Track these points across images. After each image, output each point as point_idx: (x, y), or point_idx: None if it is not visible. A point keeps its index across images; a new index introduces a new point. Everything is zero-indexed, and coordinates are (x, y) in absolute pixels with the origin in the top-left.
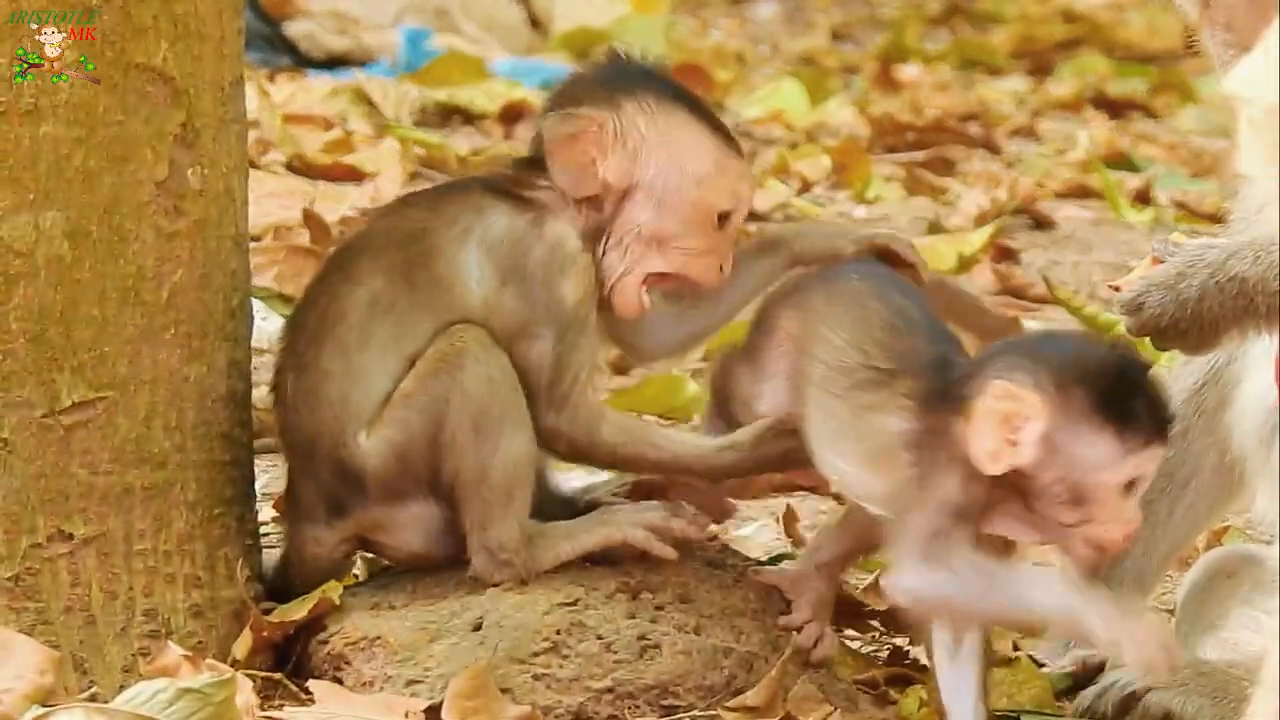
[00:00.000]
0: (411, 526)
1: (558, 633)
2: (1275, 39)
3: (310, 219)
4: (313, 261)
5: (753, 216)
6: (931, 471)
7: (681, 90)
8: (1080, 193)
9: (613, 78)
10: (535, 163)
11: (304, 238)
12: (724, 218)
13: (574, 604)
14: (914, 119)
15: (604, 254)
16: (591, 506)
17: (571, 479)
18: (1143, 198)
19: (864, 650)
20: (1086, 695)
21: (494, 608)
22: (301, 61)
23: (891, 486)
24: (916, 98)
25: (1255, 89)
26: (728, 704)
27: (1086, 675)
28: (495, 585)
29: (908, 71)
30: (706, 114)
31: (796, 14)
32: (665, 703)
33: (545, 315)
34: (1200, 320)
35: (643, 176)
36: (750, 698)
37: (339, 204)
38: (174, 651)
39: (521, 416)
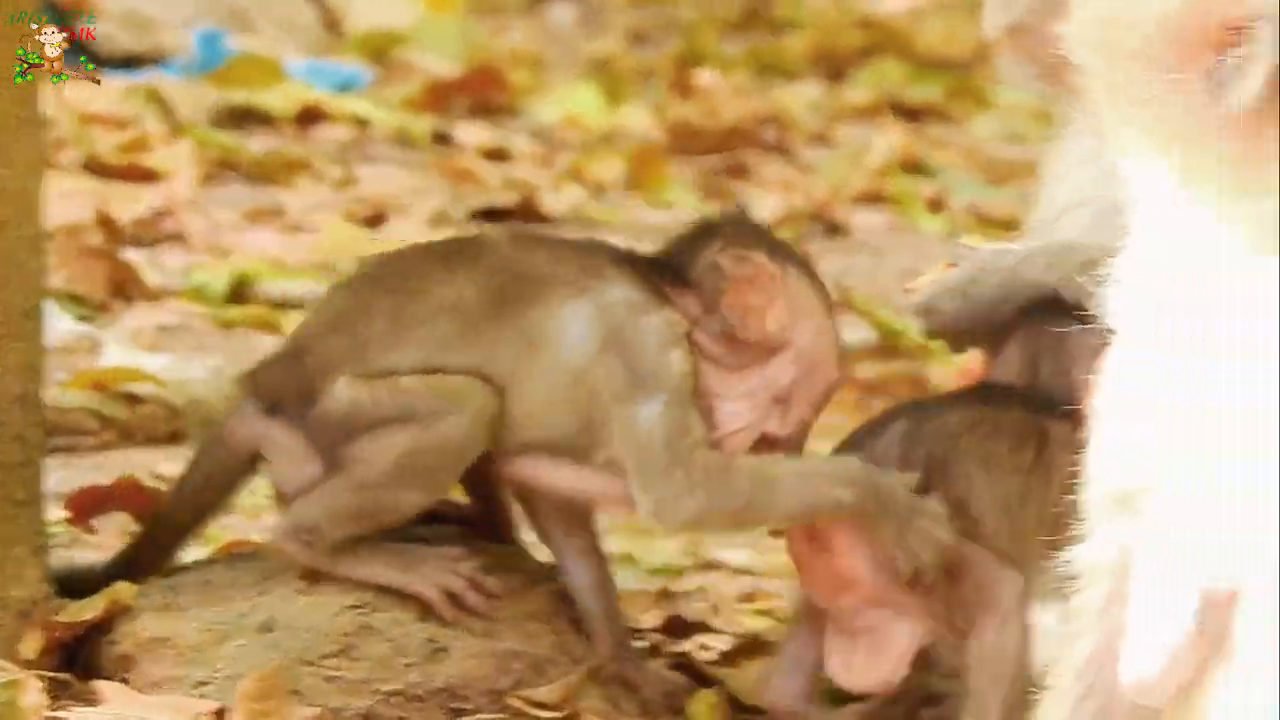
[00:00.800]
0: (300, 478)
1: (347, 635)
2: None
3: (103, 220)
4: (105, 262)
5: (545, 220)
6: None
7: (814, 271)
8: (876, 199)
9: (770, 237)
10: (674, 269)
11: (97, 239)
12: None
13: (363, 607)
14: (710, 124)
15: (730, 401)
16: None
17: None
18: (937, 204)
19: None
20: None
21: (284, 609)
22: (96, 61)
23: None
24: (713, 102)
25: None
26: (517, 693)
27: None
28: (280, 551)
29: (704, 76)
30: (827, 294)
31: (593, 17)
32: (454, 705)
33: (654, 381)
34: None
35: (797, 339)
36: (542, 693)
37: (134, 205)
38: None
39: (439, 489)
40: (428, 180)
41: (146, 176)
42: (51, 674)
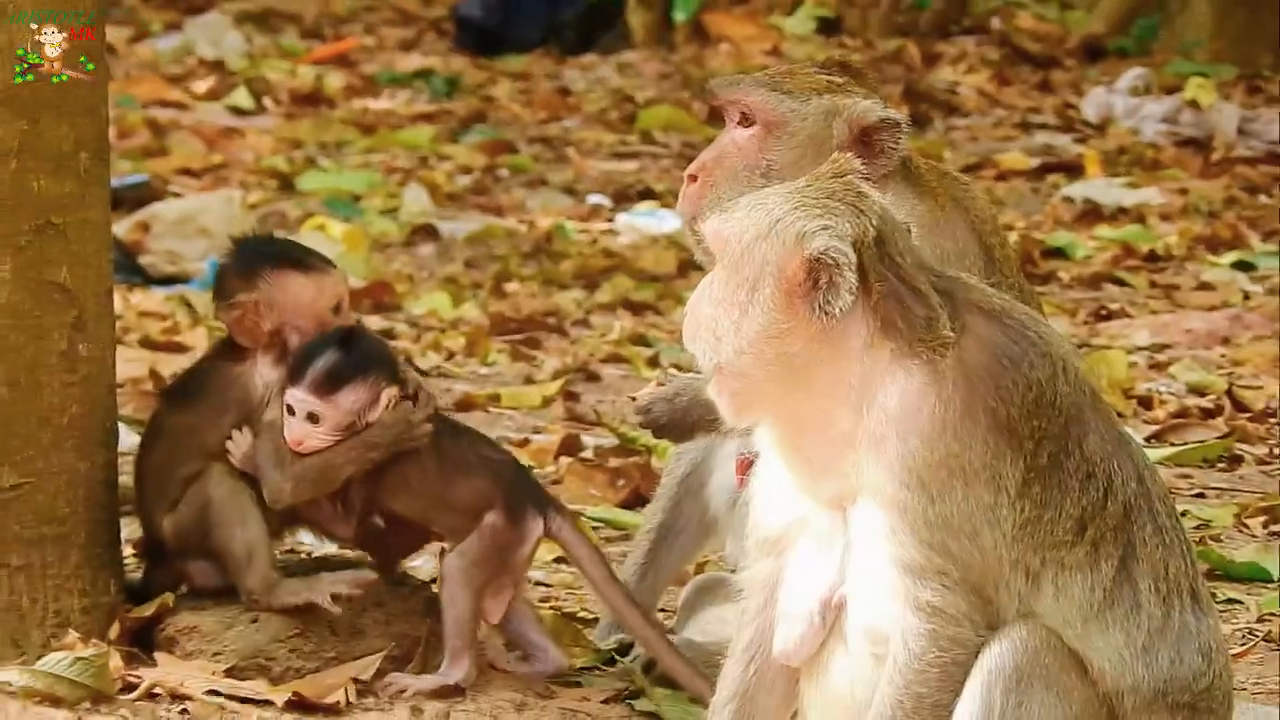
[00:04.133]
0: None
1: (304, 622)
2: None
3: (153, 375)
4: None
5: (422, 373)
6: None
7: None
8: (616, 359)
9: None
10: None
11: (149, 386)
12: None
13: (308, 611)
14: (515, 314)
15: None
16: None
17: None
18: (654, 362)
19: None
20: (627, 661)
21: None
22: (148, 279)
23: None
24: (516, 302)
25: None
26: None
27: (623, 649)
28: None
29: (512, 286)
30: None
31: (444, 251)
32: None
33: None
34: (683, 423)
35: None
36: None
37: (171, 366)
38: (72, 635)
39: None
40: None
41: (181, 349)
42: (126, 649)
